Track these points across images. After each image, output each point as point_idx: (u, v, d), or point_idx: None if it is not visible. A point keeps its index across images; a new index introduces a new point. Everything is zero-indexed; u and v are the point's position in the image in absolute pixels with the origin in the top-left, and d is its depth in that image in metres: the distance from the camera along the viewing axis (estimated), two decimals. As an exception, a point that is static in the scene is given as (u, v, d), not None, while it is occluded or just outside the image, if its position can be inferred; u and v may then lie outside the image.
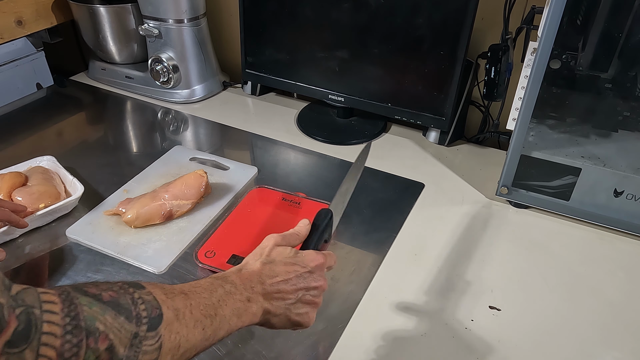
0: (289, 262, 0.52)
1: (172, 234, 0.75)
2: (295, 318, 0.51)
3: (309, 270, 0.52)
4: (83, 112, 1.15)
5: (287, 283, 0.50)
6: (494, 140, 1.03)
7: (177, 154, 0.95)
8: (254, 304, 0.48)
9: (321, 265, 0.54)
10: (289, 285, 0.50)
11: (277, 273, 0.51)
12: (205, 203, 0.82)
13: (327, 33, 0.97)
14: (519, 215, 0.82)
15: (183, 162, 0.92)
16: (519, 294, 0.68)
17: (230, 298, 0.46)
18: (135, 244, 0.74)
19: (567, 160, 0.76)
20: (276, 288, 0.50)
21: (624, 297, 0.68)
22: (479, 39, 0.96)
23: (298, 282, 0.51)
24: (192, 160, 0.93)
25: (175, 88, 1.15)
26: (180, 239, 0.75)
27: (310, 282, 0.52)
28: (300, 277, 0.51)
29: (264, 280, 0.50)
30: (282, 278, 0.50)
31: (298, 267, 0.52)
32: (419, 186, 0.89)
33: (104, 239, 0.74)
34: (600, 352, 0.61)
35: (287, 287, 0.50)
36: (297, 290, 0.51)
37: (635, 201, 0.75)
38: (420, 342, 0.61)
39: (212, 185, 0.85)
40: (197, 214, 0.79)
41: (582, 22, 0.66)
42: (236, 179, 0.87)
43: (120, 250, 0.72)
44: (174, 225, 0.77)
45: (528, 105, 0.73)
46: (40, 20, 1.15)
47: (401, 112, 0.97)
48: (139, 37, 1.14)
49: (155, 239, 0.75)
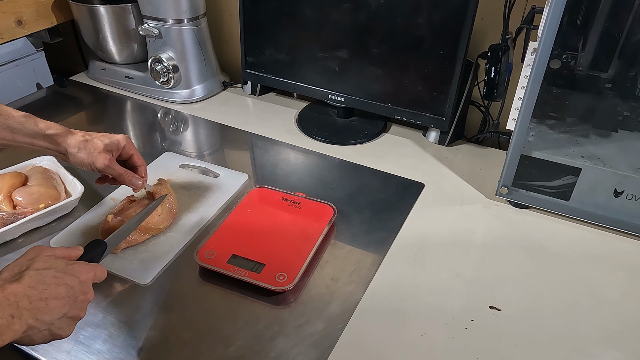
0: (59, 274, 0.50)
1: (159, 244, 0.74)
2: (58, 332, 0.50)
3: (80, 282, 0.52)
4: (83, 112, 1.15)
5: (57, 298, 0.49)
6: (494, 140, 1.03)
7: (167, 161, 0.94)
8: (18, 320, 0.46)
9: (91, 278, 0.54)
10: (58, 300, 0.49)
11: (46, 285, 0.49)
12: (194, 211, 0.80)
13: (327, 33, 0.97)
14: (519, 215, 0.82)
15: (172, 169, 0.91)
16: (519, 294, 0.68)
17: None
18: (120, 255, 0.72)
19: (567, 160, 0.76)
20: (44, 304, 0.48)
21: (624, 297, 0.68)
22: (479, 39, 0.96)
23: (68, 295, 0.50)
24: (182, 167, 0.92)
25: (175, 88, 1.15)
26: (167, 250, 0.73)
27: (79, 295, 0.51)
28: (70, 290, 0.50)
29: (31, 294, 0.47)
30: (51, 292, 0.49)
31: (69, 278, 0.51)
32: (419, 186, 0.89)
33: None
34: (600, 352, 0.61)
35: (57, 302, 0.49)
36: (65, 305, 0.49)
37: (635, 201, 0.75)
38: (420, 342, 0.61)
39: (201, 193, 0.84)
40: (186, 224, 0.78)
41: (582, 22, 0.66)
42: (225, 188, 0.86)
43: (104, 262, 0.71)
44: (162, 235, 0.76)
45: (528, 105, 0.73)
46: (40, 20, 1.15)
47: (401, 112, 0.97)
48: (139, 37, 1.14)
49: (142, 249, 0.73)
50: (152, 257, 0.72)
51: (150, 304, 0.66)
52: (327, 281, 0.69)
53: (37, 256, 0.52)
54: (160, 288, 0.68)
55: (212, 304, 0.66)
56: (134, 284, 0.68)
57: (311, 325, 0.63)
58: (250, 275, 0.67)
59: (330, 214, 0.77)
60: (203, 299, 0.67)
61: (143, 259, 0.72)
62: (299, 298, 0.67)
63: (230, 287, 0.68)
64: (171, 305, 0.66)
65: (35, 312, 0.47)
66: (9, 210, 0.76)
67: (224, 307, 0.66)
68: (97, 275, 0.55)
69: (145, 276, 0.69)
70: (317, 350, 0.60)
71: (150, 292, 0.68)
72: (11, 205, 0.77)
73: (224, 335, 0.62)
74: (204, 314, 0.65)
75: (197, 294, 0.68)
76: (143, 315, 0.64)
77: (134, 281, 0.69)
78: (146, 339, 0.61)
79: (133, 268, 0.70)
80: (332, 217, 0.77)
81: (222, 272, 0.69)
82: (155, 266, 0.71)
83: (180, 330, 0.62)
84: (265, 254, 0.70)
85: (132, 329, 0.62)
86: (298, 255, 0.70)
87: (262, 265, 0.69)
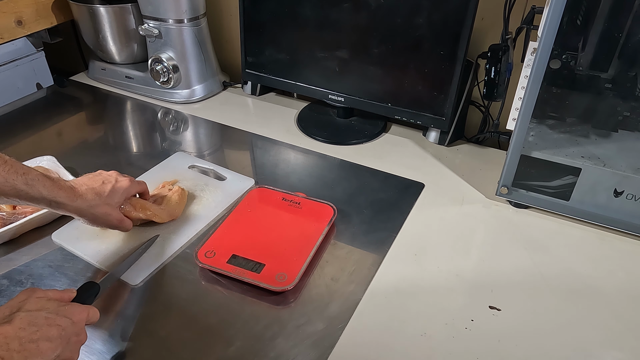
0: (51, 315, 0.50)
1: (153, 246, 0.74)
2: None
3: (72, 323, 0.51)
4: (83, 112, 1.15)
5: (48, 340, 0.48)
6: (494, 140, 1.03)
7: (177, 160, 0.94)
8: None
9: (84, 319, 0.53)
10: (50, 342, 0.48)
11: (38, 327, 0.48)
12: (195, 214, 0.80)
13: (327, 33, 0.97)
14: (519, 215, 0.82)
15: (181, 169, 0.91)
16: (519, 294, 0.68)
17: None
18: (118, 253, 0.72)
19: (567, 160, 0.76)
20: (35, 346, 0.47)
21: (624, 297, 0.68)
22: (479, 39, 0.96)
23: (60, 336, 0.49)
24: (190, 168, 0.91)
25: (175, 88, 1.15)
26: (160, 252, 0.73)
27: (72, 337, 0.50)
28: (63, 331, 0.49)
29: (22, 335, 0.46)
30: (42, 333, 0.48)
31: (61, 319, 0.50)
32: (419, 186, 0.89)
33: (86, 246, 0.73)
34: (600, 352, 0.61)
35: (48, 344, 0.47)
36: (57, 347, 0.48)
37: (635, 201, 0.75)
38: (420, 342, 0.61)
39: (205, 195, 0.84)
40: (183, 226, 0.78)
41: (582, 22, 0.66)
42: (230, 192, 0.85)
43: (100, 260, 0.71)
44: (162, 237, 0.75)
45: (528, 105, 0.73)
46: (40, 20, 1.15)
47: (401, 112, 0.97)
48: (139, 37, 1.14)
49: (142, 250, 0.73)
50: (151, 258, 0.72)
51: (150, 304, 0.66)
52: (327, 281, 0.69)
53: (29, 297, 0.51)
54: (160, 288, 0.68)
55: (212, 304, 0.66)
56: (134, 284, 0.68)
57: (311, 325, 0.63)
58: (250, 275, 0.67)
59: (330, 214, 0.77)
60: (203, 299, 0.67)
61: (143, 260, 0.72)
62: (299, 298, 0.67)
63: (230, 287, 0.68)
64: (171, 305, 0.66)
65: (26, 355, 0.46)
66: (9, 210, 0.76)
67: (224, 307, 0.66)
68: (90, 316, 0.55)
69: (141, 277, 0.69)
70: (317, 350, 0.60)
71: (150, 292, 0.68)
72: (11, 205, 0.77)
73: (224, 335, 0.62)
74: (204, 314, 0.65)
75: (197, 294, 0.68)
76: (143, 315, 0.64)
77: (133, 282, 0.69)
78: (146, 339, 0.61)
79: (134, 268, 0.70)
80: (332, 217, 0.77)
81: (222, 272, 0.69)
82: (152, 267, 0.71)
83: (180, 330, 0.62)
84: (265, 254, 0.70)
85: (132, 329, 0.62)
86: (298, 255, 0.70)
87: (262, 265, 0.69)
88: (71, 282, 0.69)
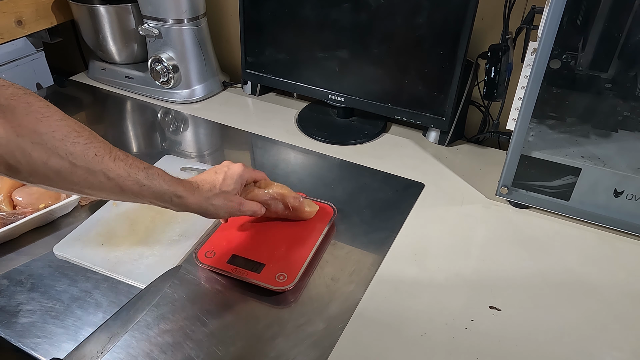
0: None
1: (164, 249, 0.73)
2: None
3: None
4: (83, 112, 1.15)
5: None
6: (494, 140, 1.03)
7: (167, 164, 0.92)
8: None
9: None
10: None
11: None
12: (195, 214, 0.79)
13: (327, 33, 0.97)
14: (519, 215, 0.82)
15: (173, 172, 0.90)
16: (519, 294, 0.68)
17: None
18: (126, 259, 0.72)
19: (567, 160, 0.76)
20: None
21: (624, 297, 0.68)
22: (479, 39, 0.96)
23: None
24: (183, 170, 0.90)
25: (175, 88, 1.15)
26: (174, 254, 0.73)
27: None
28: None
29: None
30: None
31: None
32: (419, 186, 0.89)
33: (93, 256, 0.72)
34: (600, 352, 0.61)
35: None
36: None
37: (635, 201, 0.75)
38: (420, 342, 0.61)
39: None
40: (191, 225, 0.77)
41: (582, 22, 0.66)
42: None
43: (110, 267, 0.70)
44: (166, 238, 0.75)
45: (528, 105, 0.73)
46: (40, 20, 1.15)
47: (401, 112, 0.97)
48: (139, 37, 1.14)
49: (148, 254, 0.73)
50: (157, 262, 0.71)
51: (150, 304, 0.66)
52: (327, 281, 0.69)
53: None
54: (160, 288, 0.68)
55: (212, 304, 0.66)
56: (134, 284, 0.68)
57: (311, 325, 0.63)
58: (250, 275, 0.67)
59: (330, 214, 0.77)
60: (203, 299, 0.67)
61: (149, 264, 0.71)
62: (299, 298, 0.67)
63: (230, 287, 0.68)
64: (171, 305, 0.66)
65: None
66: (9, 210, 0.76)
67: (224, 307, 0.66)
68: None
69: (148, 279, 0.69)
70: (317, 350, 0.60)
71: (150, 292, 0.67)
72: (11, 205, 0.77)
73: (224, 335, 0.62)
74: (204, 314, 0.65)
75: (197, 294, 0.68)
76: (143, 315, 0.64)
77: (136, 283, 0.69)
78: (146, 339, 0.61)
79: (139, 273, 0.70)
80: (332, 217, 0.77)
81: (222, 272, 0.69)
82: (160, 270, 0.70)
83: (180, 330, 0.62)
84: (265, 254, 0.70)
85: (131, 329, 0.62)
86: (298, 255, 0.70)
87: (262, 265, 0.69)
88: (71, 282, 0.69)
